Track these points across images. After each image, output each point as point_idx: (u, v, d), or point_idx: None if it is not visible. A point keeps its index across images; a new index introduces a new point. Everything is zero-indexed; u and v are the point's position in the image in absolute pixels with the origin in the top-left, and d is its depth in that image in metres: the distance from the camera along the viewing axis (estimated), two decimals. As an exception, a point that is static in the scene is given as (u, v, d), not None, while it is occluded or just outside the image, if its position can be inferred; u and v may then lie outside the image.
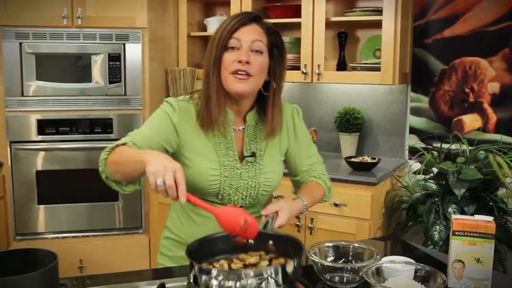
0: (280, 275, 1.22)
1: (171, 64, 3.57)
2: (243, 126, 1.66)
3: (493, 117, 3.02)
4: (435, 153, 2.95)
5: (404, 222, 2.98)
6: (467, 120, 3.10)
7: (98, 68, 3.26)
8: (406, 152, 3.29)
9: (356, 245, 1.50)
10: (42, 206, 3.29)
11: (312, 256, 1.44)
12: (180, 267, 1.61)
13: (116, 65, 3.27)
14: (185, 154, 1.60)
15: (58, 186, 3.31)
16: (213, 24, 3.56)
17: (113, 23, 3.26)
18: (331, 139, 3.47)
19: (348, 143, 3.31)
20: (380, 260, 1.41)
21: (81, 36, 3.22)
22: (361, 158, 3.07)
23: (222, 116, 1.58)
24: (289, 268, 1.25)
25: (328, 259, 1.49)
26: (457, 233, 1.41)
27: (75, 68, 3.26)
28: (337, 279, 1.41)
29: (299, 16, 3.18)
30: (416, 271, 1.35)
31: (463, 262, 1.41)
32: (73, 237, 3.35)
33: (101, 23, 3.24)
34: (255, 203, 1.69)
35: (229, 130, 1.62)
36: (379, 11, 3.02)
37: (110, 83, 3.28)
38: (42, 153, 3.25)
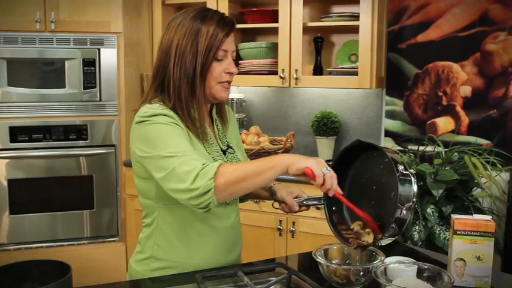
0: None
1: (146, 69, 3.53)
2: (210, 122, 1.68)
3: (465, 120, 3.12)
4: (412, 155, 3.02)
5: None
6: (441, 123, 3.19)
7: (72, 73, 3.20)
8: (382, 155, 3.35)
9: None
10: (14, 216, 3.19)
11: (318, 258, 1.45)
12: (159, 277, 1.55)
13: (90, 70, 3.21)
14: None
15: (31, 195, 3.22)
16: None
17: (87, 28, 3.20)
18: (308, 143, 3.51)
19: (325, 147, 3.35)
20: (384, 260, 1.44)
21: (55, 41, 3.15)
22: (340, 161, 3.11)
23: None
24: None
25: (334, 261, 1.50)
26: (458, 232, 1.45)
27: (49, 73, 3.18)
28: (343, 280, 1.43)
29: (276, 21, 3.20)
30: (422, 271, 1.39)
31: (464, 260, 1.45)
32: (47, 246, 3.26)
33: (75, 27, 3.18)
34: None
35: (206, 126, 1.61)
36: (355, 17, 3.08)
37: (85, 88, 3.22)
38: (14, 161, 3.16)
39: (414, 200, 1.34)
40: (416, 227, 2.76)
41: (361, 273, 1.41)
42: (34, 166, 3.19)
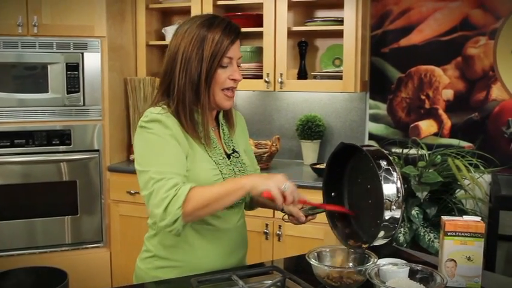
0: None
1: (130, 73, 3.51)
2: (216, 127, 1.71)
3: (447, 123, 3.17)
4: (396, 158, 3.05)
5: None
6: (424, 126, 3.24)
7: (55, 77, 3.16)
8: (366, 158, 3.38)
9: (352, 249, 1.53)
10: (-2, 222, 3.14)
11: (312, 261, 1.46)
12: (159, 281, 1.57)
13: (74, 74, 3.18)
14: (187, 162, 1.58)
15: (14, 201, 3.17)
16: (172, 33, 3.52)
17: (71, 32, 3.17)
18: (292, 146, 3.53)
19: (309, 150, 3.37)
20: (377, 262, 1.45)
21: (37, 45, 3.12)
22: (326, 165, 3.14)
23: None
24: None
25: (326, 263, 1.52)
26: (449, 234, 1.47)
27: (31, 78, 3.14)
28: (336, 283, 1.44)
29: (260, 25, 3.21)
30: (414, 272, 1.41)
31: (455, 261, 1.48)
32: (29, 253, 3.21)
33: (58, 31, 3.15)
34: (246, 200, 1.74)
35: (210, 131, 1.63)
36: (339, 21, 3.11)
37: (68, 93, 3.19)
38: (-4, 167, 3.11)
39: (400, 195, 1.37)
40: (402, 229, 2.79)
41: (355, 275, 1.42)
42: (16, 172, 3.14)
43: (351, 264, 1.52)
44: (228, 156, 1.67)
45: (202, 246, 1.60)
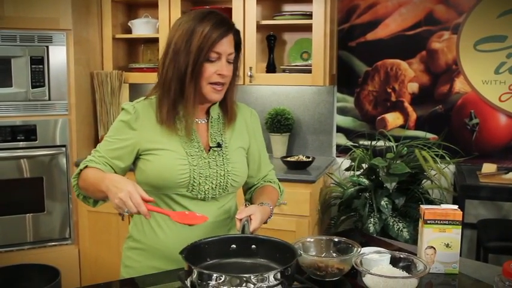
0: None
1: (96, 67, 3.45)
2: (205, 119, 1.70)
3: (413, 115, 3.26)
4: (364, 150, 3.12)
5: (337, 217, 3.12)
6: (390, 119, 3.31)
7: (19, 71, 3.07)
8: (334, 150, 3.44)
9: (336, 239, 1.57)
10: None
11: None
12: (149, 276, 1.58)
13: (38, 68, 3.11)
14: (152, 151, 1.61)
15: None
16: (138, 26, 3.49)
17: (35, 24, 3.09)
18: (261, 140, 3.54)
19: (279, 143, 3.40)
20: (360, 251, 1.49)
21: (0, 38, 3.02)
22: (296, 157, 3.17)
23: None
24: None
25: (311, 253, 1.54)
26: (428, 222, 1.52)
27: (-6, 72, 3.05)
28: (321, 272, 1.47)
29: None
30: (397, 260, 1.45)
31: (434, 248, 1.53)
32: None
33: (22, 24, 3.07)
34: (225, 194, 1.70)
35: (192, 123, 1.63)
36: (307, 15, 3.14)
37: (33, 87, 3.11)
38: (-42, 164, 3.01)
39: None
40: (372, 219, 2.86)
41: (339, 264, 1.46)
42: (-21, 169, 3.06)
43: (334, 254, 1.55)
44: (208, 150, 1.67)
45: (172, 236, 1.63)
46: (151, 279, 1.54)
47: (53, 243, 3.26)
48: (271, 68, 3.33)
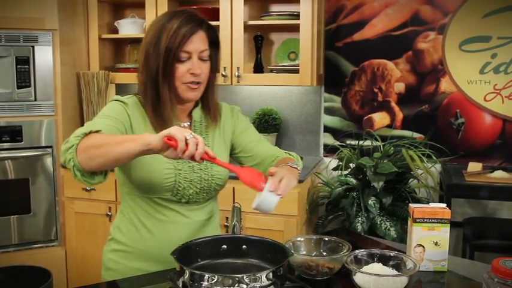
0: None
1: (82, 67, 3.42)
2: (189, 122, 1.67)
3: (399, 115, 3.29)
4: (351, 150, 3.14)
5: (325, 217, 3.13)
6: (377, 118, 3.34)
7: (4, 72, 3.04)
8: (321, 150, 3.46)
9: (326, 238, 1.57)
10: None
11: (288, 251, 1.49)
12: (137, 277, 1.56)
13: (24, 68, 3.08)
14: None
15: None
16: (125, 26, 3.47)
17: (20, 24, 3.06)
18: (249, 140, 3.55)
19: (266, 143, 3.40)
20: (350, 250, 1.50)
21: (-16, 38, 3.00)
22: (284, 157, 3.18)
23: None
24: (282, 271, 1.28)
25: (301, 253, 1.55)
26: (417, 220, 1.54)
27: (-22, 72, 3.02)
28: (312, 271, 1.47)
29: (216, 19, 3.20)
30: (387, 258, 1.46)
31: (423, 246, 1.54)
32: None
33: (7, 23, 3.03)
34: (208, 198, 1.68)
35: (172, 125, 1.60)
36: (294, 15, 3.15)
37: (18, 87, 3.08)
38: None
39: None
40: (359, 219, 2.88)
41: (330, 263, 1.46)
42: (-36, 170, 3.02)
43: (325, 253, 1.55)
44: None
45: (156, 237, 1.60)
46: (140, 281, 1.52)
47: (39, 245, 3.23)
48: (258, 68, 3.33)
